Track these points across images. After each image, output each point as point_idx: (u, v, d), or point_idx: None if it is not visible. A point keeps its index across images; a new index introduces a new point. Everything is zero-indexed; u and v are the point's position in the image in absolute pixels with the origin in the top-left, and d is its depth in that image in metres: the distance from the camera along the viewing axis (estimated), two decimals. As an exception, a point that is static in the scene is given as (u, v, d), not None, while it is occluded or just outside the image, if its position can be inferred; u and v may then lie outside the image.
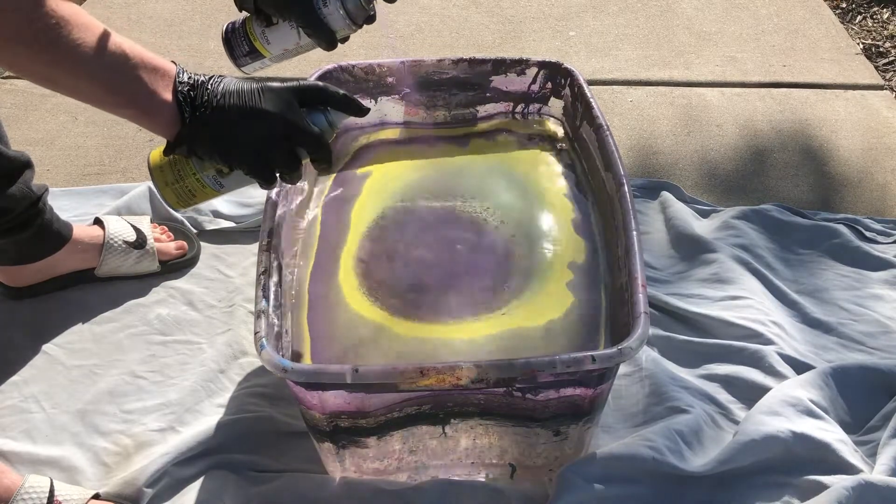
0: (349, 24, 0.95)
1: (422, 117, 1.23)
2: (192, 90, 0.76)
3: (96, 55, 0.71)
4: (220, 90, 0.77)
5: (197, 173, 0.81)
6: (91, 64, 0.71)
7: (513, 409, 0.87)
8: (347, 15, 0.93)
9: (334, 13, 0.93)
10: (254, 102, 0.77)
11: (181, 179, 0.82)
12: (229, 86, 0.78)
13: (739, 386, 1.11)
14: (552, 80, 1.20)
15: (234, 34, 0.98)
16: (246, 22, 0.98)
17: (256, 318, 0.84)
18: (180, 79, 0.76)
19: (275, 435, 1.04)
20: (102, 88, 0.73)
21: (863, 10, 2.07)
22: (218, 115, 0.76)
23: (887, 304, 1.25)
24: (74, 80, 0.72)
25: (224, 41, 0.98)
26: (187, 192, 0.83)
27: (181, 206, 0.85)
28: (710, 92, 1.73)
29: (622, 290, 0.91)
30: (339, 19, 0.94)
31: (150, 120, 0.76)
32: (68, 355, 1.16)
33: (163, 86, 0.75)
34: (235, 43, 0.98)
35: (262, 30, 0.97)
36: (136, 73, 0.74)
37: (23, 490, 0.92)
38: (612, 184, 1.00)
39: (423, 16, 2.00)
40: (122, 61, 0.73)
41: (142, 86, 0.74)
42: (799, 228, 1.37)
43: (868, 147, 1.58)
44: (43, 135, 1.59)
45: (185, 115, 0.76)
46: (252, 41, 0.97)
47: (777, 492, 0.97)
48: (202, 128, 0.76)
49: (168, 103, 0.75)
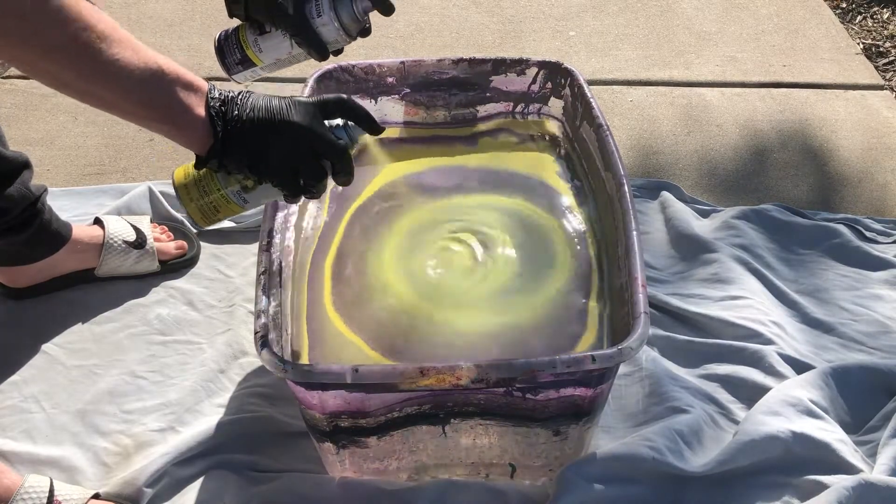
0: (343, 36, 0.94)
1: (422, 117, 1.23)
2: (223, 105, 0.78)
3: (134, 71, 0.72)
4: (249, 104, 0.78)
5: (222, 189, 0.82)
6: (129, 79, 0.72)
7: (513, 409, 0.87)
8: (342, 27, 0.92)
9: (328, 24, 0.92)
10: (282, 116, 0.79)
11: (206, 195, 0.82)
12: (258, 101, 0.79)
13: (739, 386, 1.11)
14: (552, 80, 1.20)
15: (226, 41, 0.97)
16: (238, 30, 0.97)
17: (256, 318, 0.84)
18: (212, 94, 0.78)
19: (275, 435, 1.04)
20: (138, 103, 0.74)
21: (863, 10, 2.07)
22: (248, 128, 0.78)
23: (887, 304, 1.25)
24: (111, 94, 0.73)
25: (217, 49, 0.97)
26: (212, 208, 0.83)
27: (205, 223, 0.85)
28: (710, 92, 1.73)
29: (622, 290, 0.91)
30: (333, 31, 0.92)
31: (183, 135, 0.78)
32: (68, 355, 1.16)
33: (196, 101, 0.76)
34: (228, 51, 0.97)
35: (254, 38, 0.96)
36: (172, 88, 0.75)
37: (23, 490, 0.92)
38: (612, 184, 1.00)
39: (423, 16, 2.00)
40: (159, 77, 0.74)
41: (177, 102, 0.75)
42: (799, 228, 1.37)
43: (868, 147, 1.58)
44: (43, 135, 1.59)
45: (216, 129, 0.77)
46: (244, 49, 0.96)
47: (777, 492, 0.97)
48: (233, 141, 0.77)
49: (201, 118, 0.77)
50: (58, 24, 0.68)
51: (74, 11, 0.69)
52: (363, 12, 0.94)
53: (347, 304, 0.99)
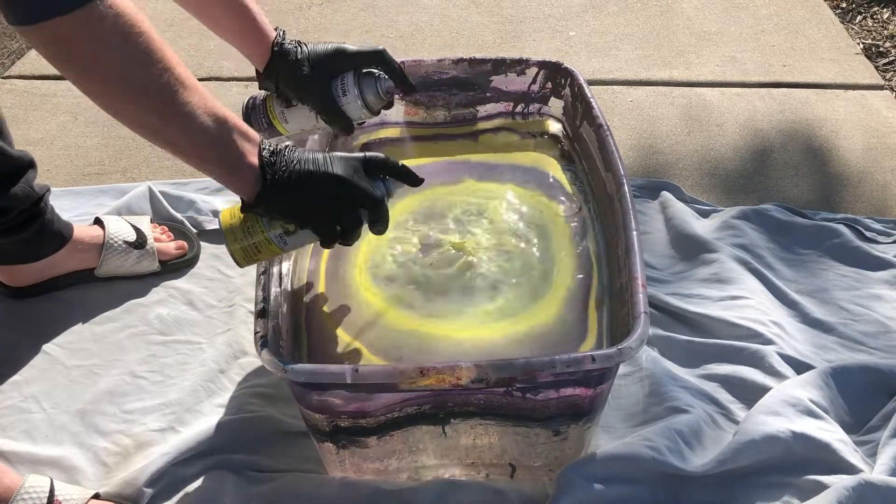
0: (366, 113, 1.00)
1: (422, 117, 1.23)
2: (273, 156, 0.83)
3: (202, 116, 0.77)
4: (296, 157, 0.84)
5: (265, 232, 0.87)
6: (198, 124, 0.77)
7: (513, 409, 0.87)
8: (365, 105, 1.00)
9: (352, 102, 0.99)
10: (326, 168, 0.84)
11: (250, 237, 0.87)
12: (304, 154, 0.85)
13: (739, 386, 1.10)
14: (552, 80, 1.20)
15: (254, 111, 1.04)
16: (266, 100, 1.04)
17: (256, 318, 0.84)
18: (263, 145, 0.83)
19: (275, 435, 1.04)
20: (203, 147, 0.79)
21: (863, 9, 2.07)
22: (295, 178, 0.83)
23: (887, 304, 1.25)
24: (181, 135, 0.78)
25: (244, 117, 1.03)
26: (254, 249, 0.88)
27: (245, 263, 0.89)
28: (710, 92, 1.73)
29: (622, 290, 0.91)
30: (357, 108, 1.00)
31: (234, 179, 0.82)
32: (68, 355, 1.16)
33: (250, 150, 0.81)
34: (255, 119, 1.04)
35: (281, 110, 1.03)
36: (232, 137, 0.80)
37: (23, 490, 0.92)
38: (612, 184, 1.00)
39: (423, 16, 2.00)
40: (221, 123, 0.79)
41: (233, 148, 0.80)
42: (799, 228, 1.37)
43: (868, 147, 1.58)
44: (43, 135, 1.59)
45: (266, 177, 0.82)
46: (271, 119, 1.04)
47: (777, 492, 0.97)
48: (281, 190, 0.82)
49: (254, 166, 0.82)
50: (145, 63, 0.73)
51: (160, 53, 0.74)
52: (386, 91, 1.01)
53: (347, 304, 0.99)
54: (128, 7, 0.72)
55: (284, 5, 2.05)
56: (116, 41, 0.71)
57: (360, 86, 0.99)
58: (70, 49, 0.71)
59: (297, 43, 1.00)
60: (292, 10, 2.03)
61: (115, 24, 0.71)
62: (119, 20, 0.71)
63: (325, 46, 1.00)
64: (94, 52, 0.71)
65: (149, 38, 0.73)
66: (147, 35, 0.73)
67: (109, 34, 0.71)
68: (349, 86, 0.99)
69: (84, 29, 0.70)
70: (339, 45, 1.00)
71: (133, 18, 0.72)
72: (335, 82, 0.99)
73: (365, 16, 2.01)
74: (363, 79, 1.00)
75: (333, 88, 0.99)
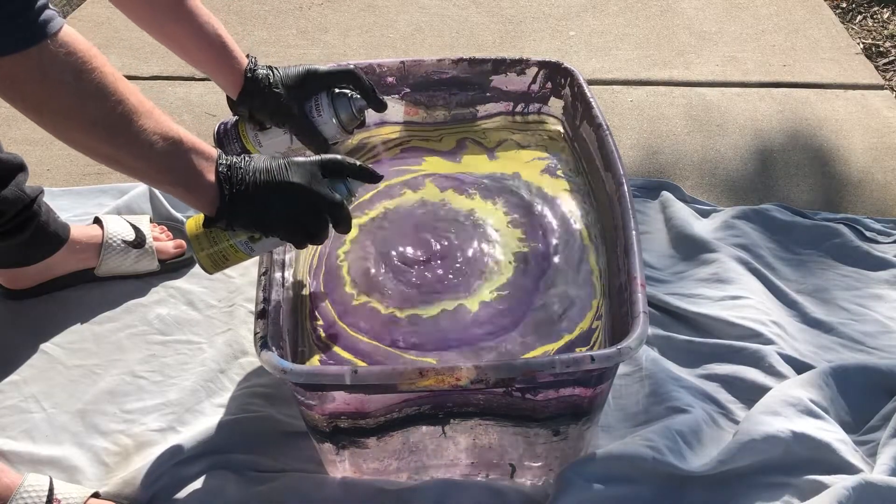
0: (341, 132, 1.02)
1: (422, 117, 1.23)
2: (229, 170, 0.83)
3: (156, 141, 0.77)
4: (251, 168, 0.83)
5: (230, 240, 0.87)
6: (152, 149, 0.77)
7: (512, 409, 0.87)
8: (340, 124, 1.01)
9: (328, 122, 1.01)
10: (282, 177, 0.84)
11: (216, 244, 0.87)
12: (258, 164, 0.84)
13: (739, 386, 1.10)
14: (552, 79, 1.20)
15: (226, 136, 1.05)
16: (238, 124, 1.05)
17: (256, 318, 0.84)
18: (220, 161, 0.83)
19: (275, 435, 1.04)
20: (158, 170, 0.80)
21: (863, 9, 2.07)
22: (253, 191, 0.83)
23: (887, 304, 1.25)
24: (135, 161, 0.78)
25: (216, 142, 1.03)
26: (221, 257, 0.88)
27: (214, 270, 0.89)
28: (711, 92, 1.73)
29: (622, 290, 0.91)
30: (332, 128, 1.01)
31: (194, 197, 0.83)
32: (68, 355, 1.16)
33: (207, 167, 0.82)
34: (227, 144, 1.04)
35: (254, 133, 1.04)
36: (188, 157, 0.80)
37: (22, 489, 0.92)
38: (612, 184, 1.00)
39: (423, 16, 2.00)
40: (176, 144, 0.79)
41: (190, 167, 0.80)
42: (799, 228, 1.37)
43: (868, 147, 1.58)
44: (43, 135, 1.57)
45: (224, 192, 0.82)
46: (244, 143, 1.04)
47: (777, 492, 0.97)
48: (240, 205, 0.83)
49: (212, 184, 0.82)
50: (97, 98, 0.73)
51: (112, 87, 0.74)
52: (359, 110, 1.03)
53: (347, 303, 0.99)
54: (79, 43, 0.72)
55: (284, 5, 2.05)
56: (69, 78, 0.71)
57: (335, 105, 1.01)
58: (21, 88, 0.71)
59: (268, 68, 1.01)
60: (292, 10, 2.03)
61: (67, 62, 0.71)
62: (70, 59, 0.71)
63: (295, 69, 1.02)
64: (45, 92, 0.71)
65: (101, 74, 0.73)
66: (100, 71, 0.73)
67: (62, 73, 0.71)
68: (323, 106, 1.01)
69: (35, 69, 0.70)
70: (309, 67, 1.02)
71: (85, 55, 0.72)
72: (308, 103, 1.01)
73: (365, 16, 2.00)
74: (337, 98, 1.01)
75: (308, 109, 1.01)
